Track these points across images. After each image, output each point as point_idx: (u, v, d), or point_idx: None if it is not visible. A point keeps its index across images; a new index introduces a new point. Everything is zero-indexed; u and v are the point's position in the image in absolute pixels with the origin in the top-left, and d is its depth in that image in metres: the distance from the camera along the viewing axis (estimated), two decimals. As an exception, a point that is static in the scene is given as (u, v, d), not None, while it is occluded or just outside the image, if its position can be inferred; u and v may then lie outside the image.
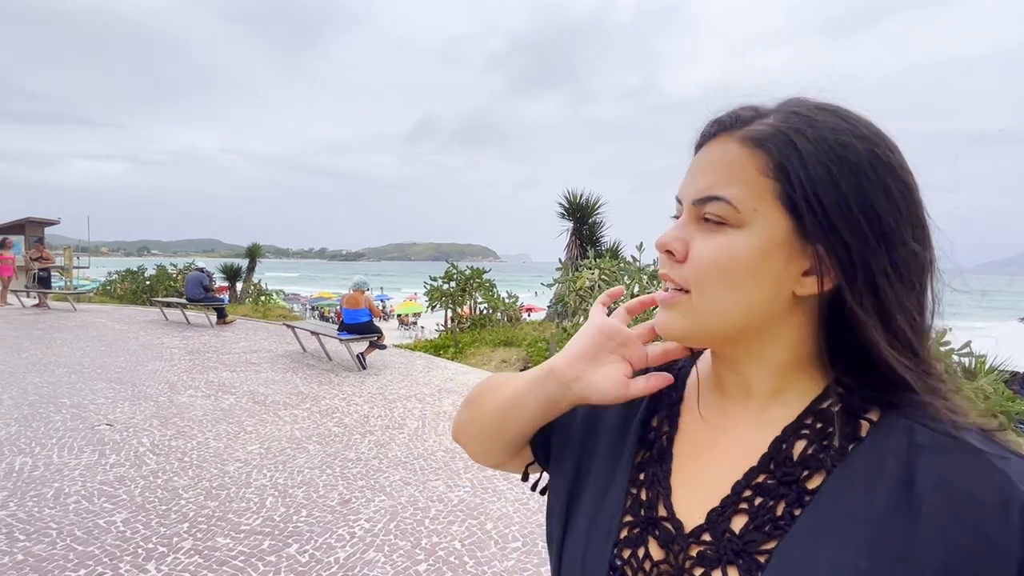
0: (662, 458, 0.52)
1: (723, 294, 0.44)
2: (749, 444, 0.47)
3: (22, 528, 2.81)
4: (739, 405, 0.50)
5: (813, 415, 0.46)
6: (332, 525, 2.97)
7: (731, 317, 0.45)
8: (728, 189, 0.44)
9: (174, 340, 8.45)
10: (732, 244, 0.44)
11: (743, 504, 0.45)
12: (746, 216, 0.43)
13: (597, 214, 11.68)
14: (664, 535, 0.47)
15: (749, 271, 0.44)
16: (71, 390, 5.38)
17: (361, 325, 6.93)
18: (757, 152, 0.44)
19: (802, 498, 0.43)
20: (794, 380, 0.47)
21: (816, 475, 0.43)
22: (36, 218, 18.73)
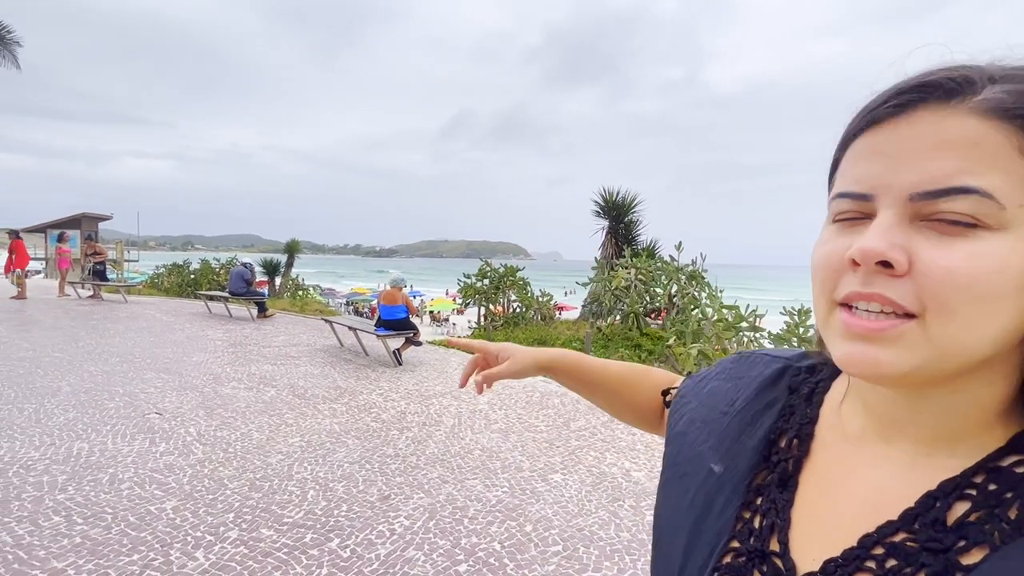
0: (784, 485, 0.45)
1: (981, 320, 0.33)
2: (891, 492, 0.39)
3: (80, 511, 2.92)
4: (884, 440, 0.41)
5: (986, 473, 0.36)
6: (372, 521, 2.99)
7: (979, 349, 0.34)
8: (984, 178, 0.33)
9: (217, 333, 8.72)
10: (995, 252, 0.33)
11: (870, 562, 0.37)
12: (1011, 214, 0.33)
13: (633, 212, 11.50)
14: (772, 573, 0.42)
15: (1017, 288, 0.33)
16: (123, 379, 5.61)
17: (398, 321, 7.00)
18: (1009, 127, 0.33)
19: (948, 573, 0.34)
20: (984, 426, 0.38)
21: (975, 550, 0.34)
22: (91, 213, 19.68)
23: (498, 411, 5.15)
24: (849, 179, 0.38)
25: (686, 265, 8.80)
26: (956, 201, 0.33)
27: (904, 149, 0.35)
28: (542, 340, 8.75)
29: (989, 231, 0.33)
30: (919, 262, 0.34)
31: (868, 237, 0.35)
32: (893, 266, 0.34)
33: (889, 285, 0.35)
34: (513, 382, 6.31)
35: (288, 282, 17.96)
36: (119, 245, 20.76)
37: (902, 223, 0.35)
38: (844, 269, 0.37)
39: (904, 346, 0.35)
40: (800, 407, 0.49)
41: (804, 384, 0.51)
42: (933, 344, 0.34)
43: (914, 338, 0.35)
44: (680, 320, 7.51)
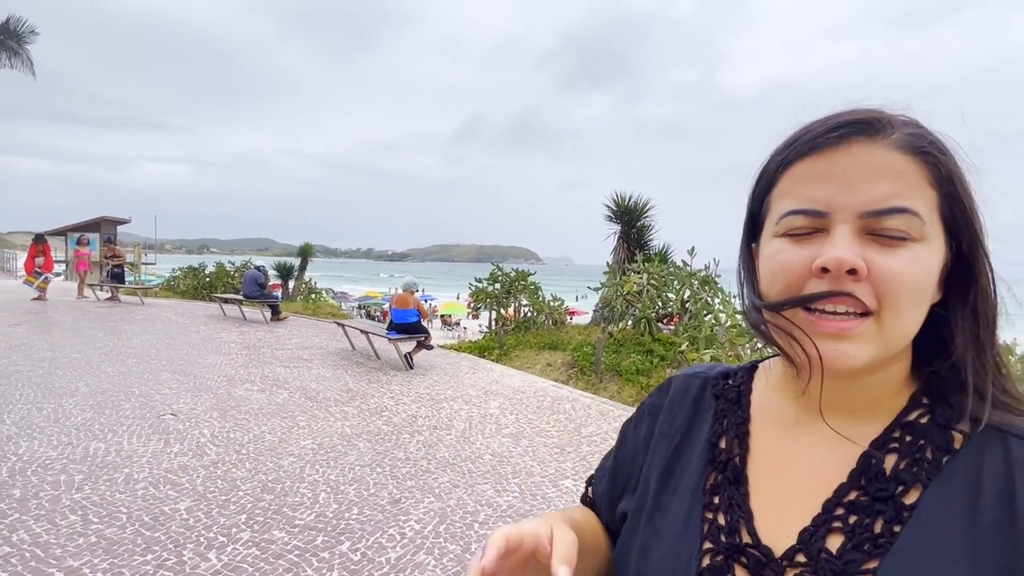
0: (737, 480, 0.50)
1: (913, 313, 0.43)
2: (833, 461, 0.46)
3: (95, 511, 2.95)
4: (819, 421, 0.48)
5: (901, 428, 0.45)
6: (383, 524, 2.98)
7: (909, 336, 0.44)
8: (911, 200, 0.42)
9: (231, 335, 8.81)
10: (923, 258, 0.42)
11: (836, 522, 0.43)
12: (928, 229, 0.42)
13: (646, 217, 11.45)
14: (754, 562, 0.45)
15: (932, 286, 0.43)
16: (139, 380, 5.68)
17: (410, 325, 7.02)
18: (920, 161, 0.42)
19: (900, 514, 0.42)
20: (896, 393, 0.47)
21: (912, 490, 0.42)
22: (110, 217, 20.04)
23: (509, 416, 5.13)
24: (799, 199, 0.44)
25: (699, 270, 8.73)
26: (895, 218, 0.41)
27: (850, 175, 0.42)
28: (553, 344, 8.72)
29: (916, 242, 0.42)
30: (874, 268, 0.41)
31: (838, 249, 0.41)
32: (858, 272, 0.41)
33: (855, 288, 0.42)
34: (525, 387, 6.29)
35: (301, 285, 18.12)
36: (137, 248, 21.12)
37: (856, 236, 0.42)
38: (808, 276, 0.43)
39: (865, 340, 0.42)
40: (731, 409, 0.55)
41: (727, 389, 0.57)
42: (887, 334, 0.42)
43: (872, 332, 0.42)
44: (693, 326, 7.44)
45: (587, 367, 7.35)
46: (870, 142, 0.43)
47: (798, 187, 0.45)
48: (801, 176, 0.45)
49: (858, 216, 0.42)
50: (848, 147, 0.43)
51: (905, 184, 0.42)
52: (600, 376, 7.11)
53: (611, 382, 6.97)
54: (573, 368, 7.57)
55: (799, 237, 0.44)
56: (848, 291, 0.41)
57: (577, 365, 7.56)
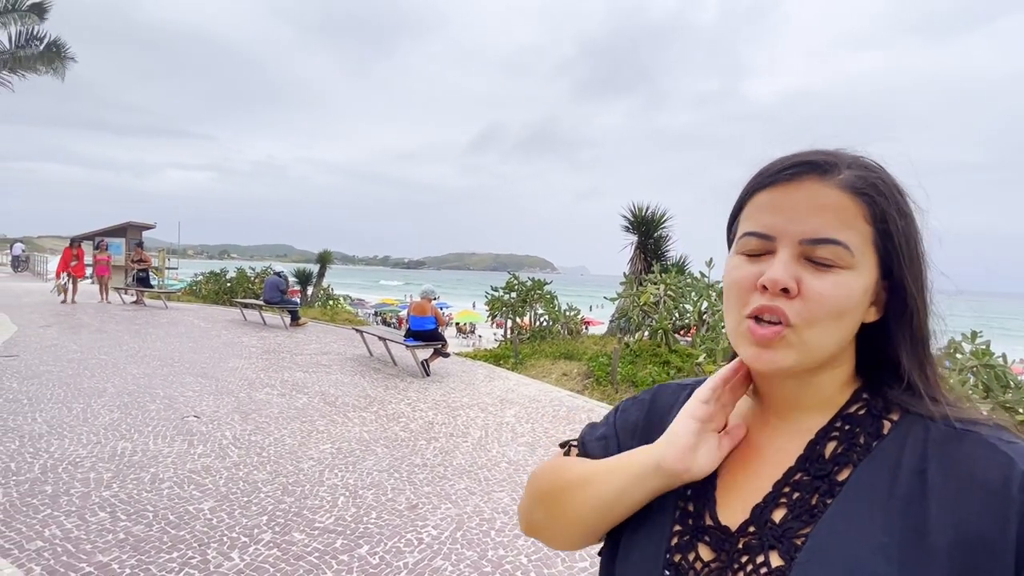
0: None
1: (832, 329, 0.49)
2: (788, 450, 0.54)
3: (123, 508, 3.04)
4: (778, 418, 0.56)
5: (842, 419, 0.52)
6: (401, 529, 3.02)
7: (832, 348, 0.51)
8: (844, 234, 0.49)
9: (252, 340, 8.97)
10: (847, 284, 0.49)
11: (783, 499, 0.51)
12: (856, 260, 0.49)
13: (663, 228, 11.41)
14: (714, 539, 0.52)
15: (855, 308, 0.50)
16: (164, 382, 5.82)
17: (427, 332, 7.08)
18: (859, 201, 0.49)
19: (833, 489, 0.49)
20: (839, 392, 0.54)
21: (844, 469, 0.50)
22: (136, 222, 20.58)
23: (524, 424, 5.14)
24: (755, 223, 0.52)
25: (717, 282, 8.67)
26: (828, 247, 0.48)
27: (796, 207, 0.50)
28: (569, 354, 8.72)
29: (843, 269, 0.49)
30: (804, 288, 0.48)
31: (775, 270, 0.49)
32: (789, 291, 0.48)
33: (786, 304, 0.49)
34: (541, 396, 6.30)
35: (320, 292, 18.37)
36: (161, 253, 21.61)
37: (795, 259, 0.49)
38: (753, 290, 0.50)
39: (786, 348, 0.49)
40: None
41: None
42: (805, 345, 0.49)
43: (793, 342, 0.49)
44: (710, 337, 7.39)
45: (603, 377, 7.33)
46: (819, 180, 0.50)
47: (756, 213, 0.53)
48: (760, 204, 0.52)
49: (798, 242, 0.49)
50: (800, 183, 0.50)
51: (841, 219, 0.49)
52: (616, 387, 7.08)
53: (627, 393, 6.94)
54: (589, 378, 7.55)
55: (752, 256, 0.52)
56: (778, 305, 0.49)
57: (593, 375, 7.54)
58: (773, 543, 0.49)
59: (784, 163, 0.52)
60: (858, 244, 0.49)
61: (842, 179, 0.50)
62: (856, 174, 0.50)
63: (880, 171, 0.52)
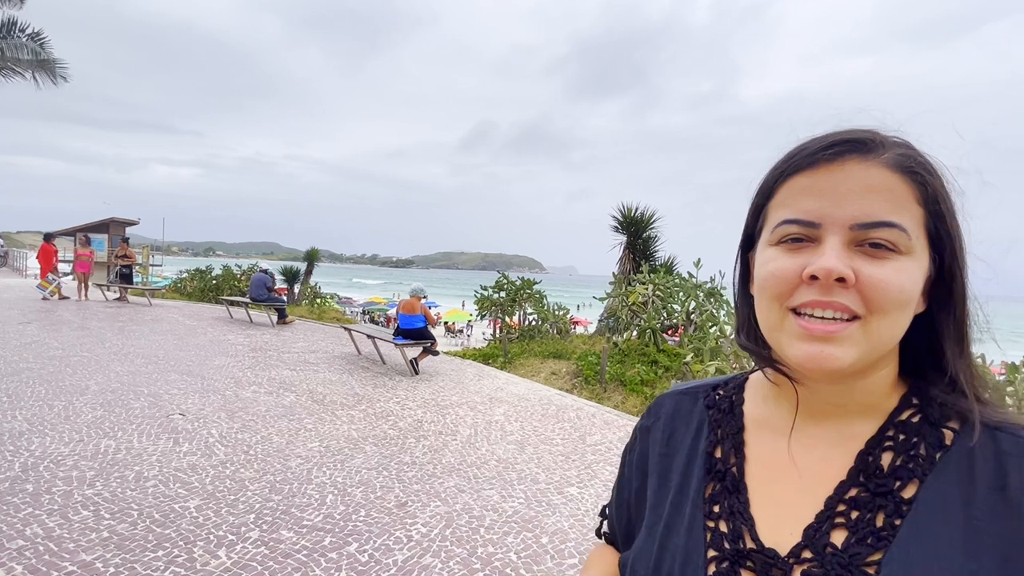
0: (736, 489, 0.51)
1: (898, 319, 0.45)
2: (832, 460, 0.48)
3: (107, 507, 2.99)
4: (816, 425, 0.50)
5: (895, 427, 0.47)
6: (390, 527, 3.01)
7: (892, 342, 0.46)
8: (899, 216, 0.45)
9: (238, 337, 8.87)
10: (908, 269, 0.45)
11: (839, 518, 0.45)
12: (914, 244, 0.45)
13: (652, 228, 11.49)
14: (760, 565, 0.46)
15: (915, 297, 0.46)
16: (148, 380, 5.74)
17: (416, 331, 7.06)
18: (909, 181, 0.45)
19: (900, 508, 0.44)
20: (886, 395, 0.49)
21: (909, 484, 0.45)
22: (119, 218, 20.21)
23: (514, 423, 5.15)
24: (795, 209, 0.47)
25: (705, 282, 8.76)
26: (884, 231, 0.44)
27: (843, 189, 0.45)
28: (558, 353, 8.74)
29: (901, 255, 0.44)
30: (862, 277, 0.44)
31: (827, 258, 0.44)
32: (846, 280, 0.44)
33: (843, 295, 0.44)
34: (530, 395, 6.32)
35: (307, 290, 18.21)
36: (145, 250, 21.28)
37: (845, 247, 0.45)
38: (798, 283, 0.46)
39: (851, 343, 0.45)
40: (725, 419, 0.56)
41: (720, 400, 0.58)
42: (871, 338, 0.45)
43: (857, 336, 0.45)
44: (698, 337, 7.45)
45: (592, 376, 7.36)
46: (863, 160, 0.45)
47: (794, 199, 0.47)
48: (797, 189, 0.47)
49: (848, 228, 0.44)
50: (842, 164, 0.46)
51: (894, 201, 0.45)
52: (604, 386, 7.12)
53: (615, 392, 6.98)
54: (577, 377, 7.58)
55: (791, 247, 0.47)
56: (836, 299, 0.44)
57: (582, 374, 7.57)
58: (841, 572, 0.43)
59: (824, 142, 0.47)
60: (913, 227, 0.45)
61: (888, 158, 0.45)
62: (902, 152, 0.46)
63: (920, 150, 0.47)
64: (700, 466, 0.54)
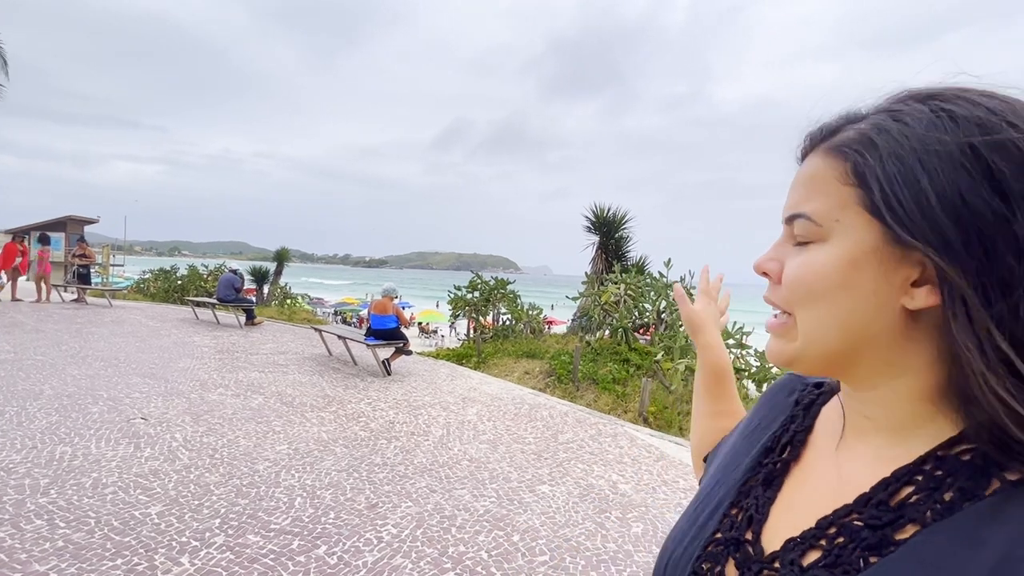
0: (769, 483, 0.51)
1: (818, 313, 0.42)
2: (856, 481, 0.44)
3: (62, 515, 2.88)
4: (861, 440, 0.46)
5: (935, 460, 0.40)
6: (360, 529, 2.98)
7: (829, 337, 0.42)
8: (808, 204, 0.43)
9: (204, 339, 8.64)
10: (814, 259, 0.42)
11: (822, 540, 0.42)
12: (828, 229, 0.42)
13: (624, 228, 11.64)
14: (743, 558, 0.47)
15: (838, 285, 0.41)
16: (108, 383, 5.54)
17: (388, 331, 7.00)
18: (835, 160, 0.42)
19: (883, 547, 0.39)
20: (926, 417, 0.41)
21: (909, 526, 0.39)
22: (77, 216, 19.47)
23: (486, 422, 5.16)
24: None
25: (675, 281, 8.92)
26: (796, 223, 0.44)
27: (791, 187, 0.46)
28: (531, 353, 8.78)
29: (815, 244, 0.43)
30: (784, 272, 0.45)
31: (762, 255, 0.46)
32: (769, 274, 0.46)
33: (774, 291, 0.46)
34: (503, 394, 6.33)
35: (276, 290, 17.85)
36: (105, 249, 20.53)
37: (786, 242, 0.46)
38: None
39: (786, 338, 0.45)
40: (800, 416, 0.55)
41: (808, 396, 0.57)
42: (801, 335, 0.44)
43: (791, 331, 0.45)
44: (668, 336, 7.59)
45: (564, 375, 7.42)
46: (812, 150, 0.45)
47: None
48: None
49: (783, 223, 0.46)
50: (807, 159, 0.46)
51: (812, 187, 0.43)
52: (577, 384, 7.18)
53: (588, 390, 7.05)
54: (551, 376, 7.63)
55: None
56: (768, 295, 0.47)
57: (555, 373, 7.62)
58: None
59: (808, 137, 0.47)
60: (828, 211, 0.41)
61: (832, 141, 0.43)
62: (858, 127, 0.42)
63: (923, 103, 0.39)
64: (758, 455, 0.54)
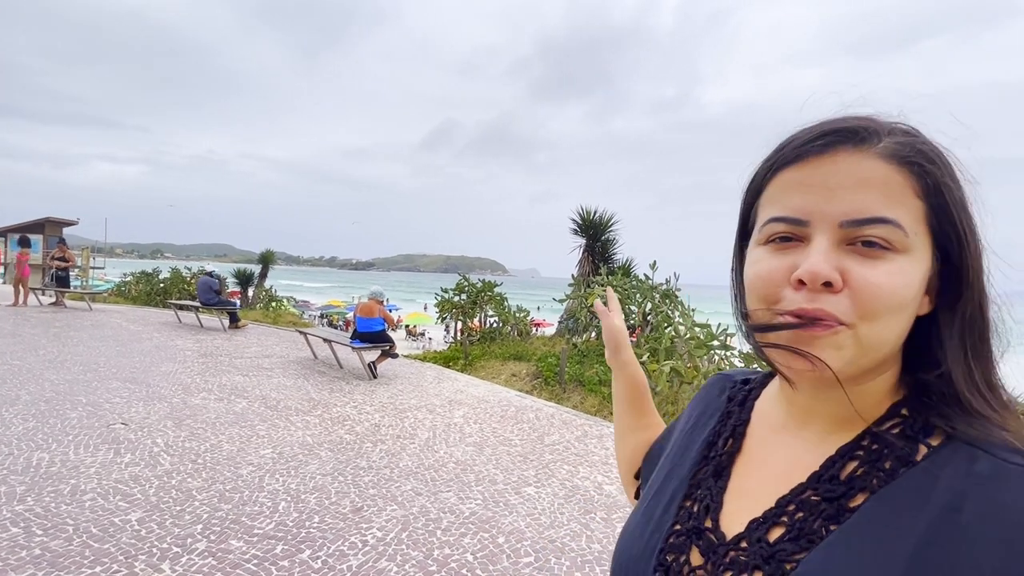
0: (719, 474, 0.54)
1: (892, 324, 0.42)
2: (804, 463, 0.47)
3: (39, 523, 2.83)
4: (800, 424, 0.50)
5: (871, 437, 0.45)
6: (344, 532, 2.97)
7: (890, 347, 0.43)
8: (895, 211, 0.41)
9: (187, 343, 8.52)
10: (905, 270, 0.41)
11: (784, 517, 0.45)
12: (912, 241, 0.41)
13: (611, 231, 11.72)
14: (706, 544, 0.49)
15: (914, 299, 0.42)
16: (87, 388, 5.44)
17: (375, 334, 6.97)
18: (906, 171, 0.42)
19: (840, 515, 0.43)
20: (872, 404, 0.46)
21: (860, 495, 0.43)
22: (56, 218, 19.06)
23: (473, 425, 5.16)
24: (783, 206, 0.44)
25: (660, 284, 8.99)
26: (877, 228, 0.41)
27: (833, 183, 0.42)
28: (518, 355, 8.79)
29: (897, 253, 0.41)
30: (852, 279, 0.41)
31: (813, 261, 0.41)
32: (833, 285, 0.41)
33: (830, 302, 0.41)
34: (489, 397, 6.33)
35: (261, 293, 17.66)
36: (85, 252, 20.14)
37: (835, 246, 0.42)
38: (784, 285, 0.43)
39: (838, 350, 0.42)
40: (736, 411, 0.59)
41: (739, 393, 0.61)
42: (861, 344, 0.42)
43: (847, 342, 0.42)
44: (654, 338, 7.65)
45: (551, 377, 7.44)
46: (855, 151, 0.42)
47: (783, 194, 0.45)
48: (786, 184, 0.45)
49: (838, 226, 0.41)
50: (833, 156, 0.43)
51: (888, 194, 0.41)
52: (564, 386, 7.21)
53: (575, 392, 7.08)
54: (537, 378, 7.65)
55: (780, 246, 0.44)
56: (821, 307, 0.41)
57: (541, 375, 7.64)
58: (760, 563, 0.44)
59: (813, 132, 0.44)
60: (910, 223, 0.41)
61: (884, 147, 0.42)
62: (898, 140, 0.43)
63: (923, 136, 0.44)
64: (700, 450, 0.57)
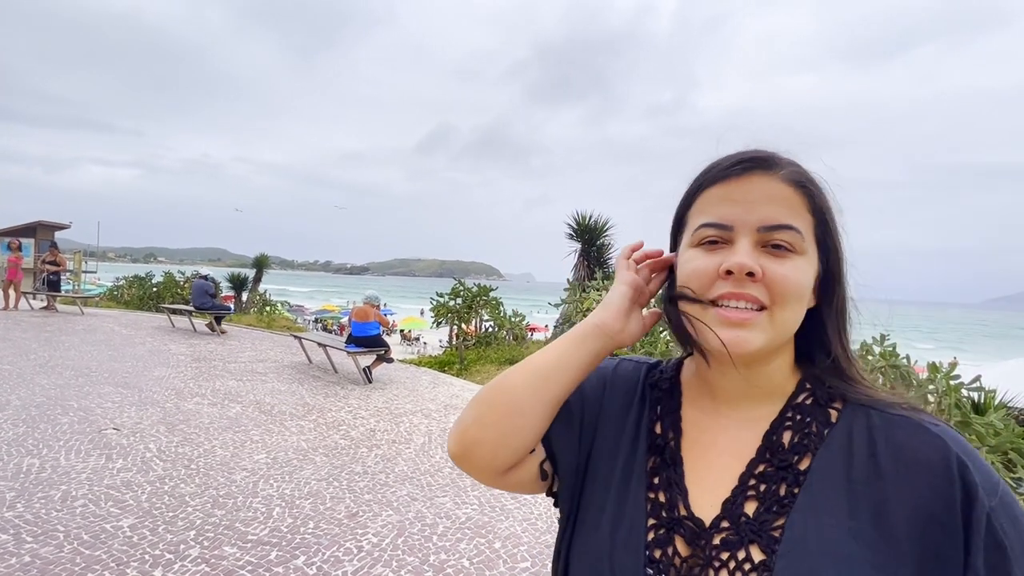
0: (674, 462, 0.58)
1: (796, 311, 0.54)
2: (744, 440, 0.56)
3: (29, 529, 2.79)
4: (730, 408, 0.58)
5: (792, 409, 0.56)
6: (339, 538, 2.94)
7: (792, 330, 0.55)
8: (796, 221, 0.53)
9: (180, 347, 8.46)
10: (802, 267, 0.53)
11: (751, 491, 0.53)
12: (807, 245, 0.54)
13: (606, 236, 11.74)
14: (689, 532, 0.53)
15: (808, 291, 0.55)
16: (78, 393, 5.39)
17: (370, 338, 6.94)
18: (801, 193, 0.54)
19: (798, 479, 0.52)
20: (786, 378, 0.57)
21: (804, 458, 0.53)
22: (47, 222, 18.95)
23: (469, 429, 5.13)
24: (711, 215, 0.55)
25: (655, 288, 9.02)
26: (784, 233, 0.53)
27: (751, 198, 0.54)
28: (513, 360, 8.78)
29: (798, 255, 0.53)
30: (767, 273, 0.52)
31: (740, 256, 0.52)
32: (755, 275, 0.52)
33: (753, 287, 0.53)
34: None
35: (255, 297, 17.57)
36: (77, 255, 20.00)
37: (754, 247, 0.53)
38: (715, 278, 0.53)
39: (760, 329, 0.53)
40: (665, 399, 0.63)
41: (660, 380, 0.65)
42: (775, 326, 0.53)
43: (766, 324, 0.53)
44: (649, 342, 7.66)
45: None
46: (765, 175, 0.54)
47: (710, 207, 0.56)
48: (713, 198, 0.56)
49: (756, 230, 0.53)
50: (749, 177, 0.54)
51: (790, 208, 0.54)
52: (559, 391, 7.21)
53: (570, 397, 7.08)
54: (533, 383, 7.64)
55: (709, 247, 0.55)
56: (747, 291, 0.52)
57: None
58: (752, 537, 0.50)
59: (733, 159, 0.56)
60: (806, 232, 0.53)
61: (785, 173, 0.54)
62: (795, 169, 0.55)
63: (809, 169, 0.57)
64: (643, 440, 0.60)
